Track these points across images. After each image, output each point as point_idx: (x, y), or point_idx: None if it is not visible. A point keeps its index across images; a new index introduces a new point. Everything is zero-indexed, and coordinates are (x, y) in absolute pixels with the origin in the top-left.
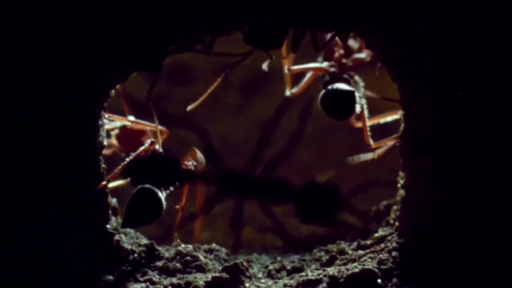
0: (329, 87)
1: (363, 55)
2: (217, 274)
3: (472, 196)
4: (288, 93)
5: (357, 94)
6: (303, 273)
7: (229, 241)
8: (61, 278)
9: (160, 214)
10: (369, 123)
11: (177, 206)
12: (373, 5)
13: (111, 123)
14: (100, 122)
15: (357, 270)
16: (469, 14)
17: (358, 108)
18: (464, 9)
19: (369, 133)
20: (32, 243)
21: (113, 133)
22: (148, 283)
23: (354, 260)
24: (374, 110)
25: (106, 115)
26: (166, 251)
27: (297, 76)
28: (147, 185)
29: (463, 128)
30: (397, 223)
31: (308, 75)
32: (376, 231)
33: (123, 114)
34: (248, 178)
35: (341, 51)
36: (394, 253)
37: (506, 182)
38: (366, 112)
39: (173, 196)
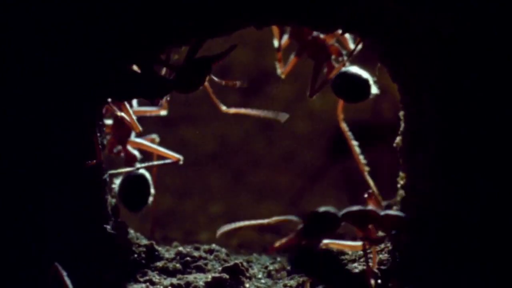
0: (344, 70)
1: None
2: (217, 275)
3: (472, 196)
4: (279, 71)
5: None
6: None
7: (229, 241)
8: None
9: (149, 196)
10: None
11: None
12: (373, 5)
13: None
14: (100, 122)
15: (357, 270)
16: (469, 14)
17: (375, 90)
18: (463, 9)
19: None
20: (32, 244)
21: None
22: (148, 284)
23: (354, 260)
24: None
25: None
26: (166, 252)
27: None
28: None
29: (463, 128)
30: None
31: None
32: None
33: None
34: None
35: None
36: (394, 253)
37: (506, 182)
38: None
39: None
